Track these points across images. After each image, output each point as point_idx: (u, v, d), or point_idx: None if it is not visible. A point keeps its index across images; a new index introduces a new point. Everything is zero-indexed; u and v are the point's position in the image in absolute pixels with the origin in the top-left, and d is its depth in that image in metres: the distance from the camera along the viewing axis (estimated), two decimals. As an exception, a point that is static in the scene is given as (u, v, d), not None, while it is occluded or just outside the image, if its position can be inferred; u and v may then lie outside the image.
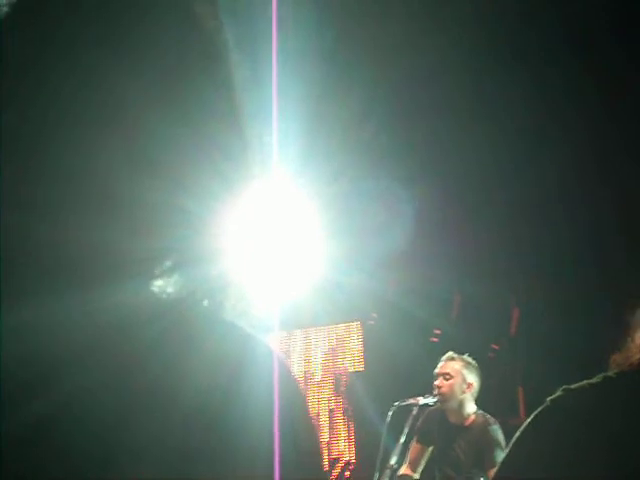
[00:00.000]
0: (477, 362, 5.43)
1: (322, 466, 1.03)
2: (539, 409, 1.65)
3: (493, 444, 5.06)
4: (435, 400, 5.27)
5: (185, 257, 0.95)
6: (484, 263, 6.12)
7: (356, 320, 7.73)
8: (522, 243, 5.56)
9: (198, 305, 0.99)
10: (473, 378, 5.31)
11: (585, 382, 1.62)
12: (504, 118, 5.18)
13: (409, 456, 5.34)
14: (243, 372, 0.90)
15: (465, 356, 5.40)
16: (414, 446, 5.31)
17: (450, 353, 5.43)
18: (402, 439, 5.20)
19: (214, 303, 1.01)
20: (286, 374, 1.02)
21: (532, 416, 1.66)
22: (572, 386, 1.62)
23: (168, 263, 0.94)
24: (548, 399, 1.64)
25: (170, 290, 0.95)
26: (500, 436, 5.13)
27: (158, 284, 0.94)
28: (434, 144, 5.52)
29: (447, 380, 5.27)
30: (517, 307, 6.68)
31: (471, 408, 5.28)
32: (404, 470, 5.32)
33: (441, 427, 5.28)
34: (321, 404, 7.80)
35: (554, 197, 5.58)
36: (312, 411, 7.55)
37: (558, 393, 1.63)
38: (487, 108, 5.17)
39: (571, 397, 1.61)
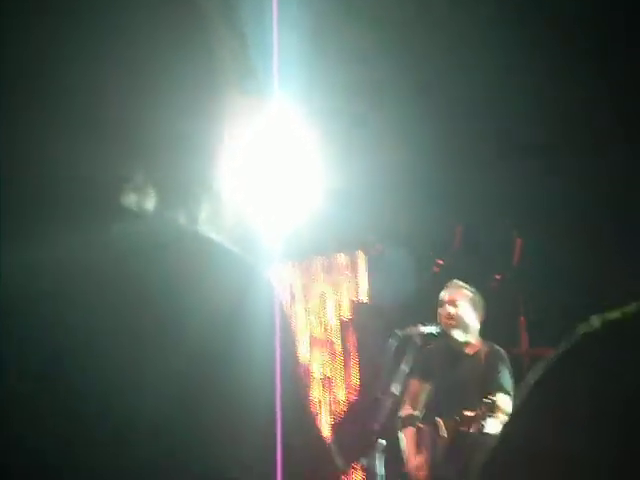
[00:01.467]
0: (480, 292, 5.45)
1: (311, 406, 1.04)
2: (571, 342, 1.65)
3: (499, 367, 5.08)
4: (438, 329, 5.29)
5: (191, 187, 0.95)
6: (487, 193, 6.10)
7: (359, 250, 7.73)
8: (525, 173, 5.53)
9: (202, 236, 0.99)
10: (478, 308, 5.33)
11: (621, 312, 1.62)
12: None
13: (409, 394, 5.33)
14: (245, 305, 0.90)
15: (470, 286, 5.41)
16: (413, 383, 5.31)
17: (456, 281, 5.43)
18: (404, 368, 5.24)
19: (218, 233, 1.01)
20: (285, 317, 1.02)
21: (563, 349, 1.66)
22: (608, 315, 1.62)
23: (174, 194, 0.94)
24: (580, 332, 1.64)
25: (176, 220, 0.94)
26: (506, 360, 5.15)
27: (165, 214, 0.94)
28: (438, 81, 5.48)
29: (455, 307, 5.28)
30: (520, 237, 6.68)
31: (476, 337, 5.30)
32: (405, 410, 5.33)
33: (445, 358, 5.30)
34: (325, 335, 7.84)
35: (557, 128, 5.55)
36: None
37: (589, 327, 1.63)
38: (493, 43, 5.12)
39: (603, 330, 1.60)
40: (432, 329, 5.31)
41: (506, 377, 5.02)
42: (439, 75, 5.34)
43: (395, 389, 5.24)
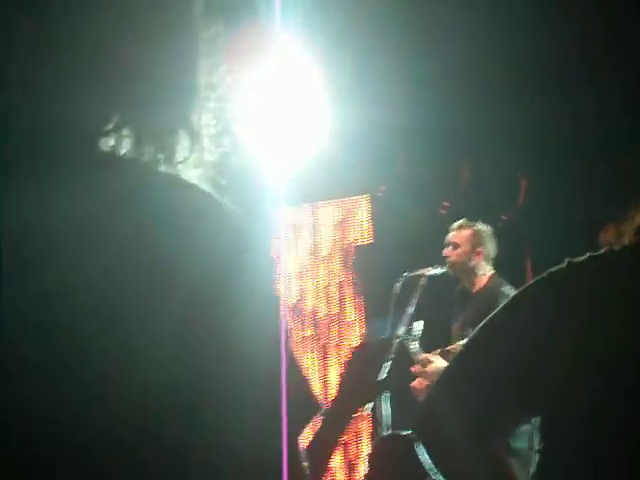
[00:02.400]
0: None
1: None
2: (534, 280, 1.66)
3: (495, 307, 5.09)
4: (444, 271, 5.30)
5: (191, 129, 0.93)
6: (494, 134, 6.07)
7: (365, 193, 7.72)
8: (530, 115, 5.49)
9: (203, 178, 0.97)
10: (484, 244, 5.30)
11: (579, 259, 1.62)
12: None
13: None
14: (241, 256, 0.89)
15: (477, 222, 5.37)
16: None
17: (460, 221, 5.41)
18: (410, 310, 5.26)
19: (220, 177, 0.99)
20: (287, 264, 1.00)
21: (524, 287, 1.68)
22: (574, 260, 1.62)
23: (173, 135, 0.92)
24: (547, 271, 1.64)
25: (174, 161, 0.92)
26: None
27: (163, 155, 0.92)
28: (447, 18, 5.42)
29: (455, 249, 5.28)
30: (525, 178, 6.66)
31: (484, 273, 5.27)
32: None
33: (449, 298, 5.32)
34: (330, 278, 7.87)
35: (561, 67, 5.50)
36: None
37: (557, 267, 1.63)
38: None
39: (566, 272, 1.61)
40: (437, 271, 5.32)
41: None
42: (448, 12, 5.28)
43: (401, 332, 5.27)
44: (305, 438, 1.70)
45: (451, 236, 5.33)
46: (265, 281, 0.90)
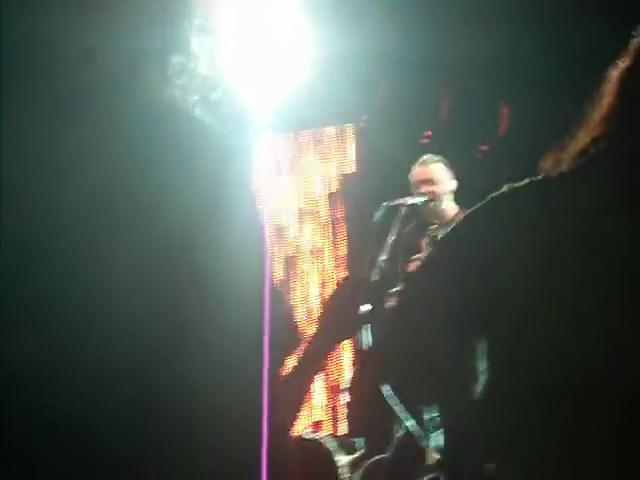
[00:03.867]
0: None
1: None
2: (475, 207, 1.70)
3: None
4: (424, 199, 5.34)
5: (175, 57, 0.93)
6: (474, 63, 6.05)
7: (347, 123, 7.70)
8: (512, 44, 5.48)
9: (187, 109, 0.97)
10: (451, 179, 5.40)
11: (519, 183, 1.66)
12: None
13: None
14: (223, 191, 0.88)
15: (442, 158, 5.45)
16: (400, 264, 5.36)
17: (428, 156, 5.46)
18: (390, 238, 5.31)
19: (202, 108, 0.99)
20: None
21: (469, 211, 1.71)
22: (515, 185, 1.66)
23: (160, 64, 0.91)
24: (489, 196, 1.68)
25: (162, 92, 0.92)
26: None
27: (152, 85, 0.91)
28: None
29: (433, 183, 5.33)
30: (506, 106, 6.66)
31: (452, 207, 5.36)
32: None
33: (417, 235, 5.37)
34: (313, 207, 7.88)
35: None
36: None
37: (498, 192, 1.67)
38: None
39: (507, 197, 1.64)
40: (417, 200, 5.36)
41: None
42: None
43: (382, 259, 5.32)
44: (287, 367, 1.73)
45: (425, 172, 5.38)
46: (249, 208, 0.91)
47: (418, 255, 5.04)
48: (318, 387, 7.59)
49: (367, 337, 5.52)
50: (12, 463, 0.82)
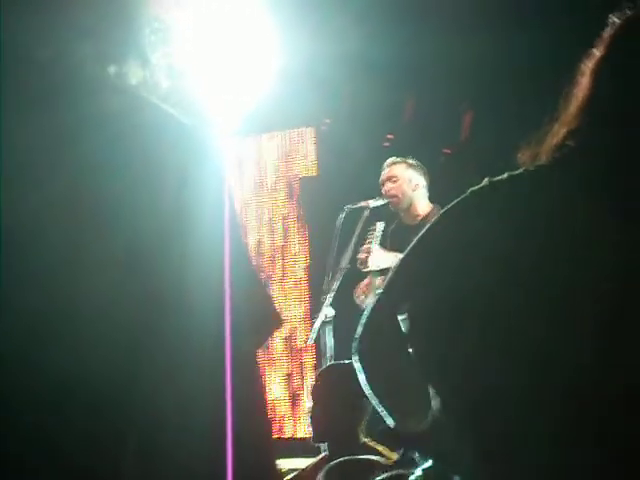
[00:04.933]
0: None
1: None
2: (458, 199, 1.70)
3: None
4: (385, 202, 5.35)
5: (142, 54, 0.92)
6: (438, 67, 6.08)
7: (309, 126, 7.71)
8: (474, 48, 5.51)
9: (151, 106, 0.96)
10: (419, 177, 5.38)
11: (499, 177, 1.66)
12: None
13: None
14: (191, 180, 0.88)
15: (408, 158, 5.44)
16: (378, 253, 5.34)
17: (392, 158, 5.47)
18: (353, 240, 5.32)
19: (168, 104, 0.99)
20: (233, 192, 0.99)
21: (450, 205, 1.71)
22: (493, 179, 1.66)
23: (125, 59, 0.91)
24: (469, 189, 1.68)
25: (128, 83, 0.91)
26: None
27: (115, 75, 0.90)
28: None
29: (394, 183, 5.33)
30: (470, 112, 6.69)
31: (424, 205, 5.35)
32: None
33: (394, 231, 5.36)
34: (275, 210, 7.88)
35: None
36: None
37: (480, 185, 1.67)
38: None
39: (489, 190, 1.64)
40: (379, 202, 5.38)
41: None
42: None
43: (345, 263, 5.33)
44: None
45: (387, 172, 5.39)
46: (214, 211, 0.90)
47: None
48: (281, 391, 7.59)
49: (330, 340, 5.55)
50: None
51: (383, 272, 5.02)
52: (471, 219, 1.65)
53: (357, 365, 1.75)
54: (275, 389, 7.60)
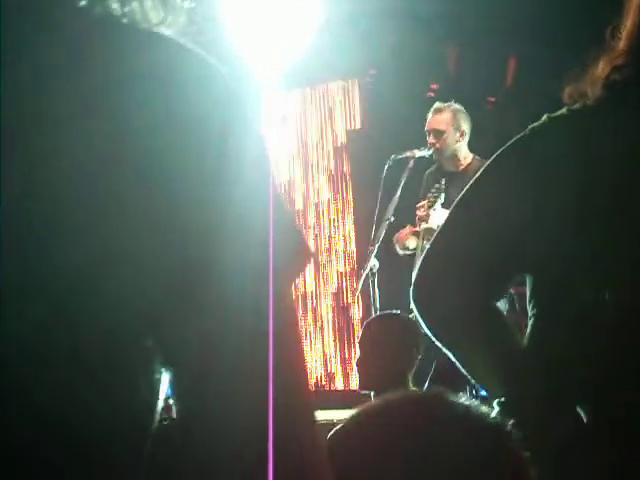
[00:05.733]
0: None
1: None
2: (518, 136, 1.68)
3: None
4: (431, 152, 5.31)
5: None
6: (481, 17, 6.01)
7: (353, 78, 7.67)
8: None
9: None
10: (464, 125, 5.31)
11: (557, 113, 1.62)
12: None
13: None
14: (234, 136, 0.87)
15: (452, 103, 5.37)
16: (421, 205, 5.31)
17: (437, 104, 5.39)
18: (398, 192, 5.31)
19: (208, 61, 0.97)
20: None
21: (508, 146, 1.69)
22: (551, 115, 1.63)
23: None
24: (529, 127, 1.65)
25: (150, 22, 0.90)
26: None
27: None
28: None
29: (439, 135, 5.28)
30: (514, 57, 6.62)
31: (466, 153, 5.30)
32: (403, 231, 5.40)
33: (436, 180, 5.31)
34: (320, 164, 7.88)
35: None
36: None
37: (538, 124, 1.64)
38: None
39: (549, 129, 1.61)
40: (425, 152, 5.34)
41: None
42: None
43: (389, 214, 5.33)
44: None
45: (432, 122, 5.32)
46: (256, 157, 0.90)
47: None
48: (329, 341, 7.64)
49: (376, 291, 5.57)
50: None
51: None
52: (533, 156, 1.62)
53: (415, 310, 1.72)
54: (325, 343, 7.65)
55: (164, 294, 0.82)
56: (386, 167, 5.52)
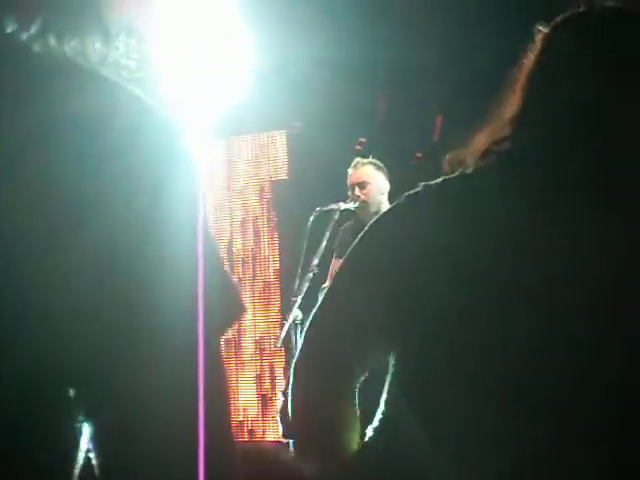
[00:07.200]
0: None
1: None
2: (391, 206, 1.71)
3: None
4: (356, 205, 5.34)
5: (105, 32, 0.89)
6: (409, 70, 6.09)
7: (280, 129, 7.70)
8: (446, 50, 5.54)
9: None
10: (385, 180, 5.38)
11: (433, 182, 1.65)
12: None
13: (329, 269, 5.39)
14: (167, 180, 0.85)
15: (371, 159, 5.43)
16: (333, 263, 5.36)
17: (357, 159, 5.46)
18: (323, 244, 5.32)
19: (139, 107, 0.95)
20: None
21: (389, 209, 1.72)
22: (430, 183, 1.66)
23: (88, 35, 0.87)
24: (405, 194, 1.68)
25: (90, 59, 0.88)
26: None
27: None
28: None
29: (364, 187, 5.33)
30: (441, 114, 6.71)
31: (386, 207, 5.34)
32: (326, 284, 5.41)
33: (354, 234, 5.32)
34: (245, 212, 7.87)
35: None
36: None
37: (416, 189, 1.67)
38: None
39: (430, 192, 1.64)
40: (350, 205, 5.37)
41: None
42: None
43: (315, 264, 5.33)
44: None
45: (356, 175, 5.37)
46: (189, 210, 0.88)
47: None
48: (251, 393, 7.57)
49: (299, 342, 5.53)
50: None
51: None
52: (407, 224, 1.66)
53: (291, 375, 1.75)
54: (245, 391, 7.58)
55: (90, 351, 0.80)
56: (311, 219, 5.53)
